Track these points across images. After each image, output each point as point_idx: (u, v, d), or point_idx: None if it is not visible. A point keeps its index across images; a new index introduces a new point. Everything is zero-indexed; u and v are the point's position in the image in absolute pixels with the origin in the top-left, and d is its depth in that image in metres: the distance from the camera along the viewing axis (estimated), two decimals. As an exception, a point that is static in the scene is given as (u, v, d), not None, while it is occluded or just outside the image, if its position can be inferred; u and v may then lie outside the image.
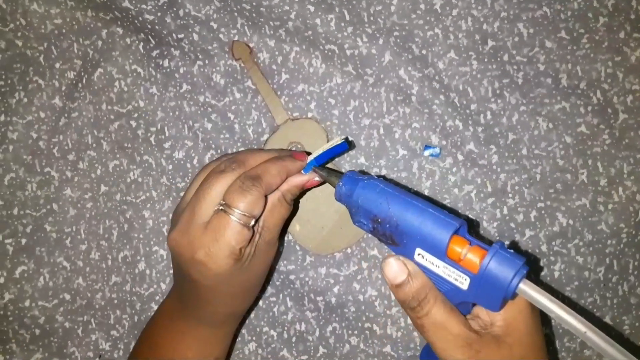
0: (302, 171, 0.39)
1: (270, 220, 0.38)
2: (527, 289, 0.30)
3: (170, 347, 0.41)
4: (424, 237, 0.31)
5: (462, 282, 0.31)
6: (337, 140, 0.40)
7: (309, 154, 0.40)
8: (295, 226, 0.47)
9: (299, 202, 0.47)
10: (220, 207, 0.35)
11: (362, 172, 0.42)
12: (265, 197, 0.37)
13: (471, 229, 0.47)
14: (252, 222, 0.36)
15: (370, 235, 0.47)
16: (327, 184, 0.46)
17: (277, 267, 0.48)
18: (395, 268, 0.33)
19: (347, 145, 0.40)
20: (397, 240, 0.33)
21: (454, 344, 0.32)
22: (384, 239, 0.34)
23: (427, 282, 0.33)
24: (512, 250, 0.31)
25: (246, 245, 0.36)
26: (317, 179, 0.39)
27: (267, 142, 0.47)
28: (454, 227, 0.31)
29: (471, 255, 0.31)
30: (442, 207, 0.46)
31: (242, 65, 0.48)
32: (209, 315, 0.40)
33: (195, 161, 0.49)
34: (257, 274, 0.40)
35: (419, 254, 0.32)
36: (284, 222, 0.40)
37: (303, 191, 0.41)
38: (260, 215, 0.37)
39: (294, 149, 0.48)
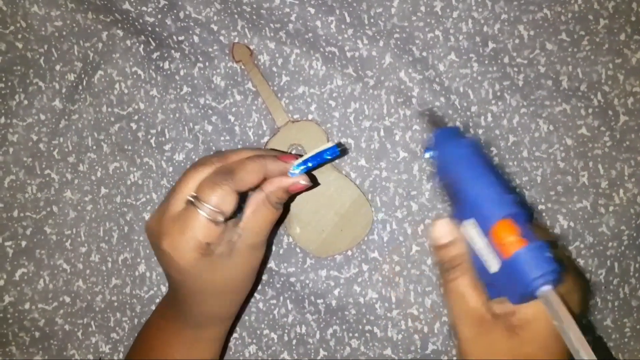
0: (288, 174, 0.38)
1: (254, 223, 0.37)
2: (549, 295, 0.29)
3: (160, 348, 0.41)
4: (477, 208, 0.32)
5: (493, 264, 0.31)
6: (327, 145, 0.38)
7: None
8: (295, 228, 0.47)
9: (289, 205, 0.47)
10: (190, 199, 0.35)
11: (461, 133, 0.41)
12: (240, 194, 0.35)
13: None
14: (221, 218, 0.34)
15: (371, 237, 0.48)
16: (323, 187, 0.46)
17: (277, 269, 0.48)
18: (444, 229, 0.34)
19: (338, 151, 0.39)
20: (458, 202, 0.34)
21: (465, 316, 0.32)
22: (450, 197, 0.35)
23: (465, 252, 0.33)
24: (550, 255, 0.30)
25: (215, 242, 0.35)
26: (303, 182, 0.38)
27: (267, 144, 0.47)
28: (506, 212, 0.31)
29: (512, 241, 0.31)
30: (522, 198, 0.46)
31: (242, 67, 0.48)
32: (191, 315, 0.40)
33: (195, 163, 0.49)
34: (238, 277, 0.39)
35: (471, 222, 0.33)
36: (270, 226, 0.38)
37: (293, 195, 0.40)
38: (235, 213, 0.36)
39: (294, 151, 0.48)
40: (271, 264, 0.48)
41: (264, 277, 0.48)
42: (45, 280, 0.49)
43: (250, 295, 0.47)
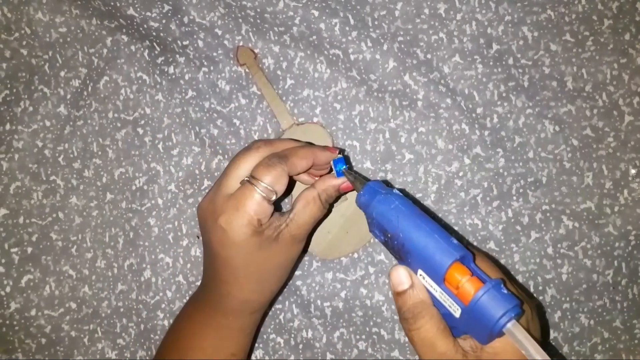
0: (336, 176, 0.40)
1: (301, 216, 0.39)
2: (514, 329, 0.30)
3: (189, 336, 0.42)
4: (425, 260, 0.32)
5: (455, 310, 0.32)
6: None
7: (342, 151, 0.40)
8: None
9: (331, 208, 0.47)
10: (247, 179, 0.37)
11: (387, 184, 0.42)
12: (291, 177, 0.39)
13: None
14: (274, 197, 0.37)
15: (376, 240, 0.47)
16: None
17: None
18: (401, 276, 0.34)
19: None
20: (403, 257, 0.34)
21: None
22: (393, 253, 0.35)
23: (426, 299, 0.33)
24: (507, 292, 0.31)
25: (266, 221, 0.38)
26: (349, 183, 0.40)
27: None
28: (454, 257, 0.31)
29: (468, 285, 0.31)
30: (457, 235, 0.47)
31: (246, 70, 0.48)
32: (226, 300, 0.40)
33: (203, 167, 0.49)
34: (276, 263, 0.40)
35: (420, 275, 0.33)
36: (314, 222, 0.40)
37: (338, 196, 0.42)
38: (286, 195, 0.38)
39: None
40: (277, 267, 0.48)
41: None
42: (51, 287, 0.48)
43: (280, 292, 0.48)
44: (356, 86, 0.48)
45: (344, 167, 0.40)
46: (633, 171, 0.47)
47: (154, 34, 0.48)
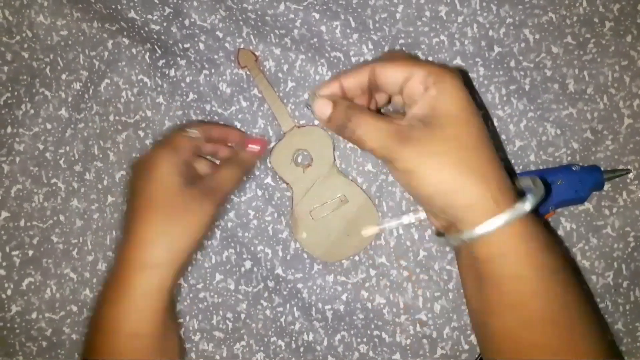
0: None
1: (224, 172, 0.43)
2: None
3: (95, 320, 0.40)
4: None
5: None
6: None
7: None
8: (302, 233, 0.47)
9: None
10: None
11: None
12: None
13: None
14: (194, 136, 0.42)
15: (378, 242, 0.47)
16: (330, 191, 0.46)
17: (284, 275, 0.48)
18: (323, 102, 0.36)
19: None
20: None
21: (383, 139, 0.33)
22: None
23: (351, 104, 0.36)
24: None
25: (189, 159, 0.42)
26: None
27: (273, 149, 0.47)
28: None
29: None
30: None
31: (247, 73, 0.48)
32: (127, 252, 0.39)
33: (202, 170, 0.48)
34: (190, 213, 0.40)
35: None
36: (232, 184, 0.43)
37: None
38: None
39: (300, 157, 0.47)
40: (278, 270, 0.48)
41: (271, 284, 0.48)
42: (52, 290, 0.48)
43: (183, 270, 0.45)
44: (357, 89, 0.48)
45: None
46: (632, 173, 0.47)
47: (155, 36, 0.48)
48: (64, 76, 0.49)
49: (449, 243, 0.35)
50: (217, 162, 0.45)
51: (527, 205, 0.32)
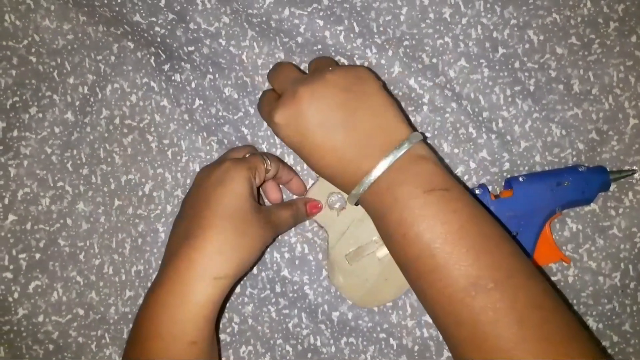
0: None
1: (281, 210, 0.45)
2: None
3: (146, 325, 0.40)
4: None
5: None
6: None
7: None
8: (338, 278, 0.46)
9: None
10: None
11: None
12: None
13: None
14: (265, 170, 0.43)
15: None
16: (365, 233, 0.46)
17: (290, 277, 0.48)
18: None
19: None
20: None
21: (280, 106, 0.38)
22: None
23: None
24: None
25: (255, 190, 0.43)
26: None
27: (308, 192, 0.47)
28: None
29: None
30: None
31: None
32: (187, 262, 0.40)
33: (207, 173, 0.49)
34: (253, 234, 0.41)
35: None
36: (287, 225, 0.45)
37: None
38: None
39: (333, 200, 0.47)
40: (284, 272, 0.48)
41: (277, 287, 0.48)
42: (58, 293, 0.49)
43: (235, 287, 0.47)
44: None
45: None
46: (637, 174, 0.47)
47: (160, 40, 0.48)
48: (70, 80, 0.49)
49: (356, 197, 0.37)
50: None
51: (404, 145, 0.36)
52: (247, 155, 0.43)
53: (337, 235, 0.46)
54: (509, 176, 0.46)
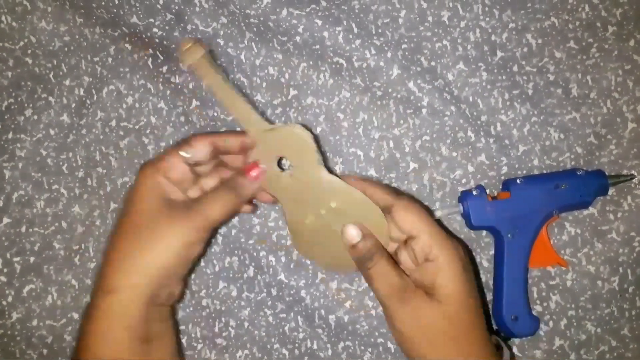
0: None
1: (214, 198, 0.41)
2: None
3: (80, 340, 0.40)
4: None
5: None
6: None
7: None
8: (302, 246, 0.43)
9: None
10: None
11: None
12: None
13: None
14: (187, 155, 0.40)
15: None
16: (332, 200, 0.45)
17: (287, 281, 0.48)
18: (353, 231, 0.39)
19: None
20: None
21: (391, 290, 0.37)
22: None
23: (377, 243, 0.39)
24: None
25: (178, 177, 0.40)
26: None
27: (250, 154, 0.41)
28: None
29: None
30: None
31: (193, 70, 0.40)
32: (104, 273, 0.40)
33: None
34: (170, 236, 0.39)
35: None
36: (225, 212, 0.41)
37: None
38: None
39: (280, 164, 0.41)
40: (281, 276, 0.47)
41: (274, 291, 0.48)
42: (53, 297, 0.48)
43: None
44: (360, 93, 0.47)
45: None
46: (636, 178, 0.47)
47: (158, 42, 0.48)
48: (66, 82, 0.49)
49: None
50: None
51: None
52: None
53: (292, 202, 0.41)
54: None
